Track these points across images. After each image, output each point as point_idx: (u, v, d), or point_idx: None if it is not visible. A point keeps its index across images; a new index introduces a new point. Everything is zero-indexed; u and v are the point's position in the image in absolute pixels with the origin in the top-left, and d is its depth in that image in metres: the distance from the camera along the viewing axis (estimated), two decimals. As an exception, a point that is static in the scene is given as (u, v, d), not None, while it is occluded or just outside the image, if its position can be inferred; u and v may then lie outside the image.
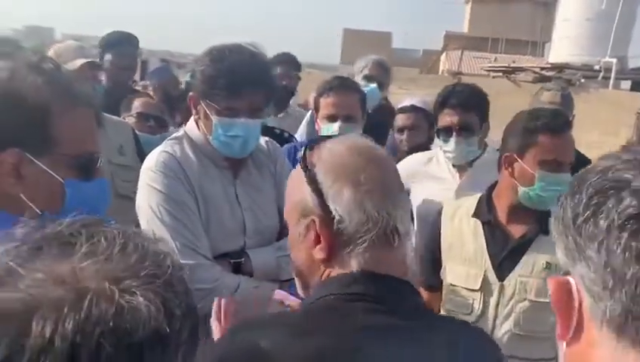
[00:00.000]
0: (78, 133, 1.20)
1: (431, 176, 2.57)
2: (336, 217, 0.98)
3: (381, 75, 3.35)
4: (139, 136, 2.76)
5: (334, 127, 2.38)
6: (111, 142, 2.53)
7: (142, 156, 2.65)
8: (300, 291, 1.12)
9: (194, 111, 1.86)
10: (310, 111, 3.43)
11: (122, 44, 3.07)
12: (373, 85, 3.26)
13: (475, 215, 2.00)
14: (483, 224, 1.97)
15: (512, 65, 10.98)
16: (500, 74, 10.58)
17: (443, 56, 22.32)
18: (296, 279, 1.12)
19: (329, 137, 1.10)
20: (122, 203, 2.48)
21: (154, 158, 1.81)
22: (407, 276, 1.04)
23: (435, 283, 2.05)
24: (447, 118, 2.45)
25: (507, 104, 6.71)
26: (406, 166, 2.57)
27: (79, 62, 2.49)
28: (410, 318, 0.98)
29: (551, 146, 1.86)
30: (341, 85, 2.49)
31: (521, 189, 1.91)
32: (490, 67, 11.66)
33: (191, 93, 1.86)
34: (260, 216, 1.85)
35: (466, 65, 16.68)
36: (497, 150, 2.10)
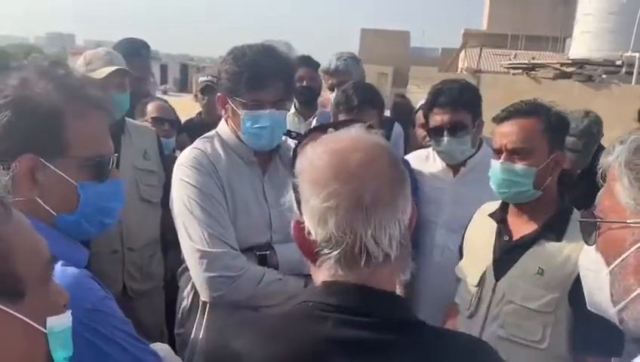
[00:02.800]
0: (90, 135, 1.24)
1: (428, 174, 2.56)
2: (305, 228, 0.97)
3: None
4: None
5: None
6: (135, 147, 2.59)
7: (164, 160, 2.71)
8: None
9: (222, 111, 1.98)
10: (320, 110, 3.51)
11: (132, 55, 3.12)
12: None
13: (492, 214, 2.01)
14: (498, 224, 1.98)
15: (532, 61, 10.85)
16: (520, 71, 10.46)
17: (462, 54, 22.14)
18: None
19: (331, 126, 1.06)
20: (144, 206, 2.55)
21: (186, 155, 1.94)
22: (392, 289, 1.00)
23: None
24: (437, 118, 2.40)
25: (527, 101, 6.64)
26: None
27: (108, 69, 2.54)
28: (386, 332, 0.93)
29: (496, 135, 1.90)
30: (361, 105, 2.50)
31: None
32: (509, 64, 11.52)
33: (218, 94, 1.97)
34: (286, 213, 1.90)
35: (485, 62, 16.54)
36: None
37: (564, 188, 1.97)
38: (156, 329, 2.59)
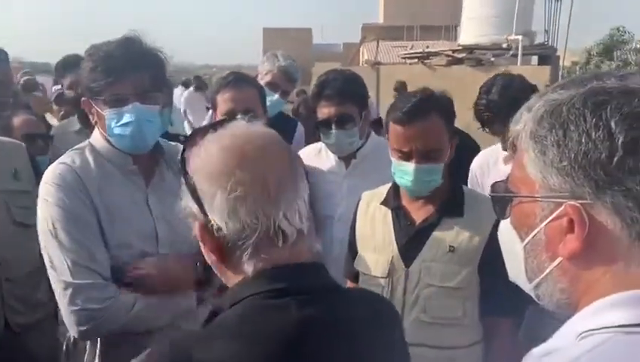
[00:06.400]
0: None
1: (320, 168, 2.54)
2: (215, 226, 0.95)
3: (285, 83, 3.22)
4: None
5: None
6: (2, 167, 2.36)
7: (39, 179, 2.51)
8: None
9: (91, 117, 1.79)
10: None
11: None
12: (276, 96, 3.15)
13: (384, 202, 2.00)
14: (392, 211, 1.97)
15: (426, 50, 11.23)
16: (416, 60, 10.79)
17: (362, 48, 22.59)
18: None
19: (211, 127, 1.02)
20: (20, 231, 2.33)
21: (50, 171, 1.75)
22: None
23: (354, 273, 2.06)
24: (324, 110, 2.39)
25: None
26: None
27: None
28: (337, 300, 1.00)
29: (398, 135, 1.85)
30: (238, 80, 2.41)
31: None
32: (405, 54, 11.88)
33: (83, 99, 1.78)
34: (175, 225, 1.74)
35: (384, 54, 16.95)
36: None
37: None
38: (52, 363, 2.38)
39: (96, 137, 1.82)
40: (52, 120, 3.92)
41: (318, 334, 0.94)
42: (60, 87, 3.57)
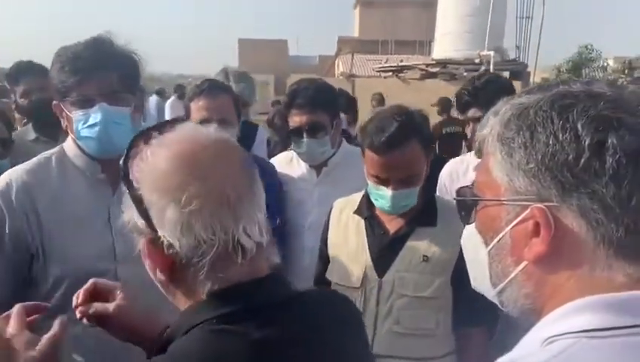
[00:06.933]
0: None
1: (292, 176, 2.52)
2: (165, 242, 0.86)
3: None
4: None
5: None
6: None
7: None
8: None
9: (62, 122, 1.71)
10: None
11: None
12: None
13: (357, 211, 1.98)
14: (365, 220, 1.95)
15: (400, 64, 11.37)
16: (390, 74, 10.91)
17: (337, 60, 22.74)
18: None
19: (154, 130, 0.92)
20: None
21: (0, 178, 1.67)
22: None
23: (324, 282, 2.02)
24: (295, 119, 2.36)
25: (398, 101, 6.90)
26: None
27: None
28: (295, 317, 0.93)
29: (376, 163, 1.81)
30: (212, 88, 2.36)
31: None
32: (380, 67, 12.01)
33: (54, 103, 1.70)
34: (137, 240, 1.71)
35: (359, 67, 17.09)
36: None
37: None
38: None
39: (69, 143, 1.75)
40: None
41: (279, 353, 0.88)
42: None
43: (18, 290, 1.60)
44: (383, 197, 1.82)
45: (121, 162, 0.92)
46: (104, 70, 1.62)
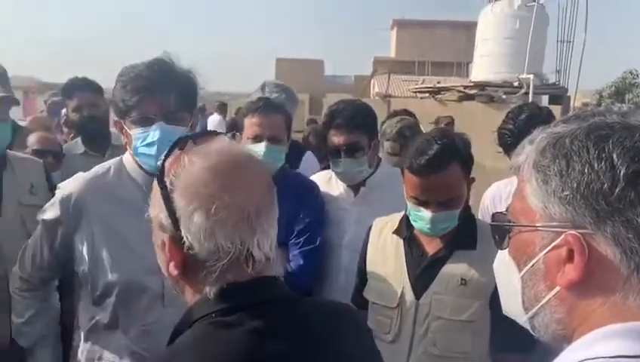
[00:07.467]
0: None
1: (330, 195, 2.55)
2: (186, 243, 0.94)
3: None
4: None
5: (259, 148, 2.32)
6: (20, 181, 2.40)
7: (53, 195, 2.54)
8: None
9: (122, 138, 1.83)
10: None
11: None
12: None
13: (396, 231, 1.99)
14: (404, 241, 1.96)
15: (437, 85, 11.34)
16: (427, 94, 10.89)
17: (373, 81, 22.80)
18: None
19: (190, 139, 1.01)
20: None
21: (61, 187, 1.85)
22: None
23: (362, 301, 2.04)
24: (334, 139, 2.40)
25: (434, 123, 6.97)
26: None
27: None
28: (291, 315, 1.00)
29: (416, 185, 1.82)
30: (266, 106, 2.44)
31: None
32: (416, 88, 12.00)
33: (115, 119, 1.81)
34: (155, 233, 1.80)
35: (395, 87, 17.12)
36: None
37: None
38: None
39: (127, 157, 1.85)
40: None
41: (274, 344, 0.94)
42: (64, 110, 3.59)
43: (57, 273, 2.01)
44: (422, 218, 1.84)
45: (158, 163, 1.02)
46: (163, 90, 1.71)
